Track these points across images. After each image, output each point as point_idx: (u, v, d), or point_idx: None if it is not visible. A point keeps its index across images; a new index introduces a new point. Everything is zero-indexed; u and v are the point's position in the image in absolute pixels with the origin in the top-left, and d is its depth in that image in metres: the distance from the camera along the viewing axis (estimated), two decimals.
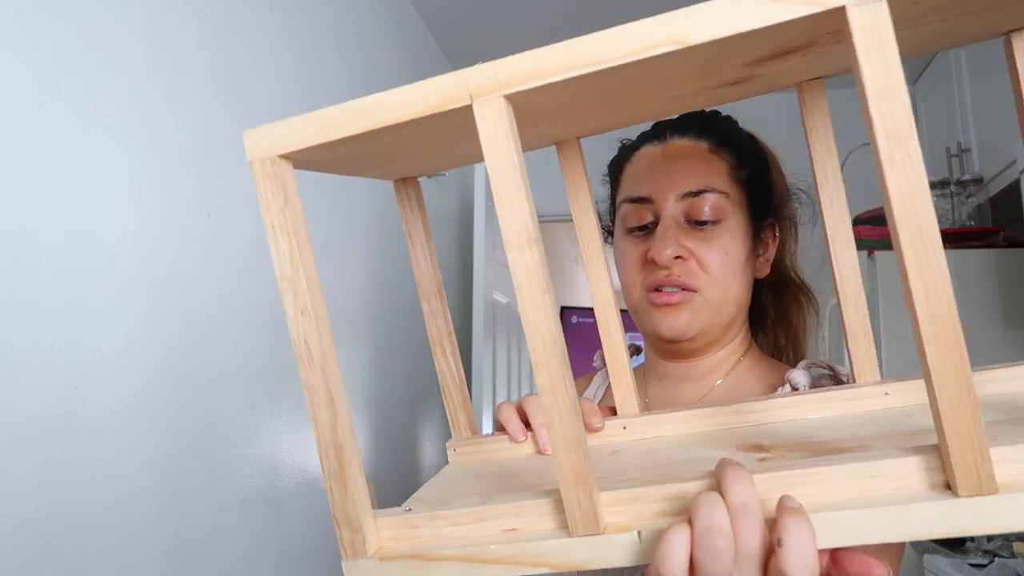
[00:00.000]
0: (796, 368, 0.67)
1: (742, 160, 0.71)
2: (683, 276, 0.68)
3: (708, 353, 0.73)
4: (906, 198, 0.33)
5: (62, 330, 0.92)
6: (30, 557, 0.85)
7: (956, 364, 0.33)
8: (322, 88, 1.69)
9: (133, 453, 1.02)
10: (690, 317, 0.68)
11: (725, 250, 0.68)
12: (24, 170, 0.88)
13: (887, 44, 0.34)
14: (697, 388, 0.73)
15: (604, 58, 0.37)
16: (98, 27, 1.01)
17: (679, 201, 0.69)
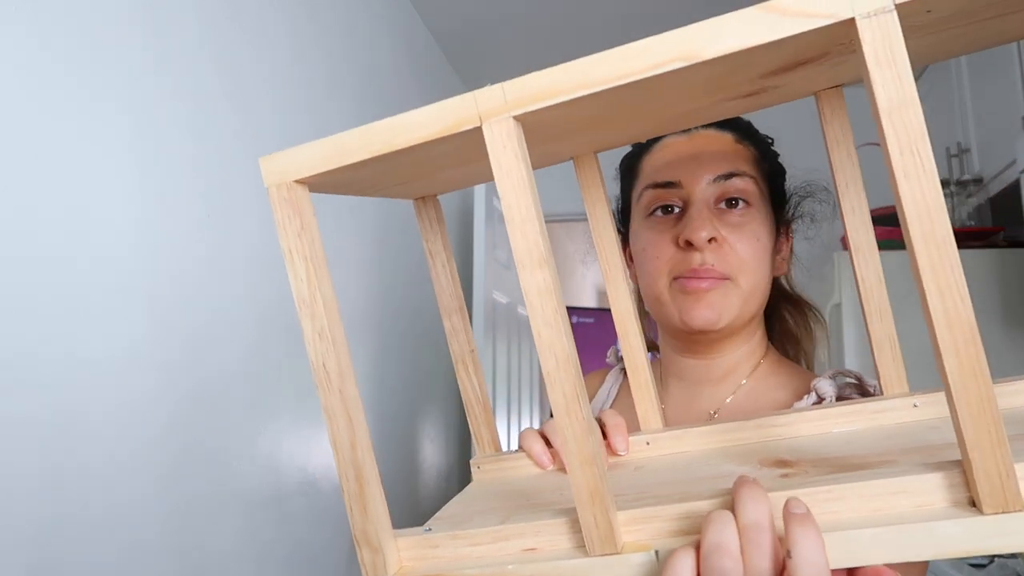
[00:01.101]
0: (822, 376, 0.65)
1: (763, 154, 0.72)
2: (717, 263, 0.66)
3: (728, 350, 0.71)
4: (922, 210, 0.33)
5: (62, 332, 0.92)
6: (34, 564, 0.86)
7: (977, 377, 0.32)
8: (324, 86, 1.70)
9: (134, 454, 1.03)
10: (722, 305, 0.66)
11: (756, 236, 0.67)
12: (24, 171, 0.89)
13: (898, 55, 0.33)
14: (717, 392, 0.71)
15: (614, 76, 0.37)
16: (98, 27, 1.02)
17: (710, 185, 0.67)
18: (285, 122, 1.51)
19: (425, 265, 2.48)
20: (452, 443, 2.54)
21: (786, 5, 0.35)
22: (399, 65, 2.21)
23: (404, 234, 2.18)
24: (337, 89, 1.78)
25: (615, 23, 2.45)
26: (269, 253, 1.42)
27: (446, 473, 2.47)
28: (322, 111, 1.69)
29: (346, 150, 0.40)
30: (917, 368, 1.90)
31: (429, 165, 0.47)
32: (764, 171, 0.70)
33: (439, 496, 2.39)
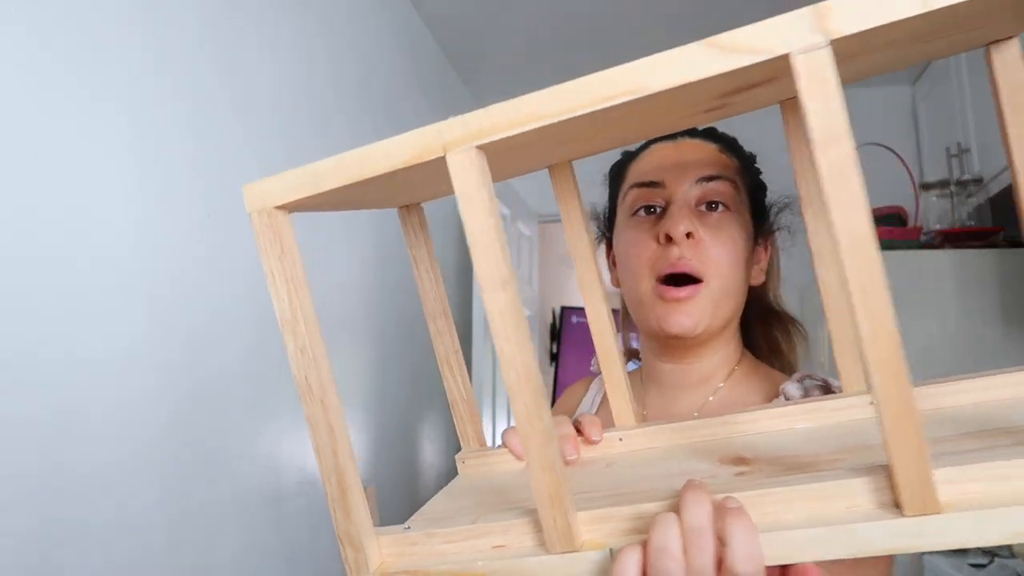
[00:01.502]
0: (790, 380, 0.69)
1: (747, 167, 0.75)
2: (693, 259, 0.68)
3: (704, 356, 0.74)
4: (854, 237, 0.35)
5: (62, 332, 0.94)
6: (34, 564, 0.88)
7: (899, 393, 0.35)
8: (325, 86, 1.72)
9: (134, 454, 1.05)
10: (699, 312, 0.69)
11: (732, 239, 0.70)
12: (24, 171, 0.90)
13: (831, 90, 0.35)
14: (694, 397, 0.74)
15: (567, 109, 0.39)
16: (99, 27, 1.03)
17: (693, 186, 0.71)
18: (285, 122, 1.53)
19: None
20: (452, 443, 2.58)
21: (726, 42, 0.37)
22: (399, 64, 2.22)
23: (403, 234, 2.19)
24: (338, 89, 1.80)
25: (610, 12, 2.45)
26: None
27: (446, 473, 2.50)
28: (323, 111, 1.70)
29: (321, 178, 0.43)
30: (922, 363, 1.90)
31: (405, 184, 0.49)
32: (746, 182, 0.74)
33: None
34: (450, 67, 2.77)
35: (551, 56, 2.71)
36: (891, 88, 2.93)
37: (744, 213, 0.72)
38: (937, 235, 2.23)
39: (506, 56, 2.72)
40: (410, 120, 2.32)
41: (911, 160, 2.68)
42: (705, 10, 2.40)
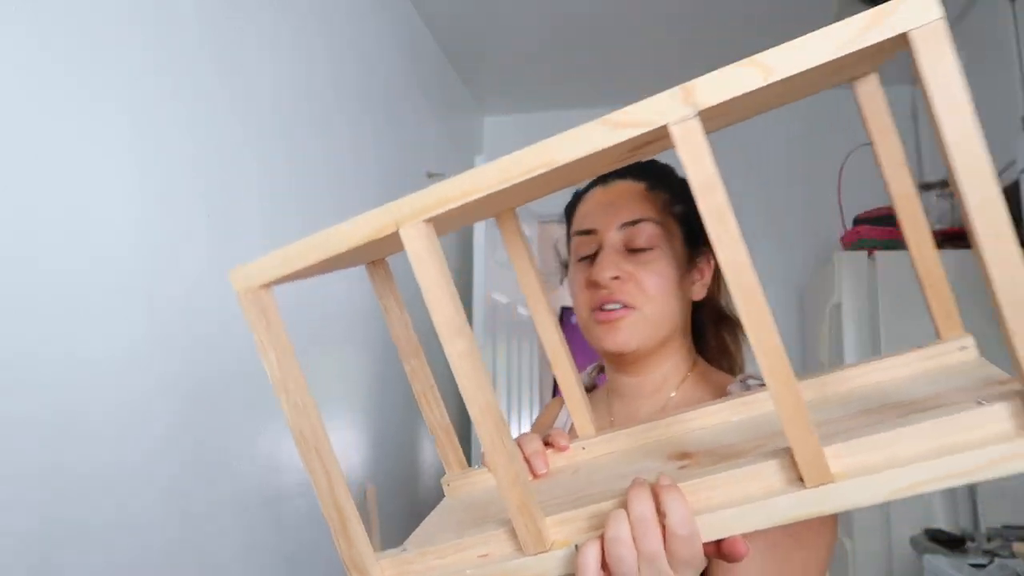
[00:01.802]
0: (735, 380, 0.78)
1: (676, 197, 0.82)
2: (622, 296, 0.78)
3: (652, 368, 0.83)
4: (736, 269, 0.43)
5: (62, 332, 0.96)
6: (34, 565, 0.90)
7: (789, 392, 0.43)
8: (324, 86, 1.76)
9: (134, 454, 1.07)
10: (629, 331, 0.78)
11: (659, 273, 0.79)
12: (25, 171, 0.92)
13: (702, 149, 0.43)
14: (653, 403, 0.83)
15: (494, 183, 0.47)
16: (99, 27, 1.05)
17: (619, 231, 0.80)
18: (285, 121, 1.57)
19: None
20: None
21: (616, 119, 0.45)
22: (399, 64, 2.26)
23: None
24: (338, 89, 1.84)
25: (609, 10, 2.50)
26: (268, 252, 1.48)
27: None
28: (323, 111, 1.75)
29: (293, 260, 0.50)
30: None
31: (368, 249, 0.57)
32: (676, 213, 0.82)
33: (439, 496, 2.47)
34: (450, 67, 2.81)
35: (551, 56, 2.76)
36: (891, 88, 2.90)
37: (674, 243, 0.80)
38: (937, 235, 2.25)
39: (506, 56, 2.77)
40: (410, 120, 2.37)
41: (911, 160, 2.74)
42: (705, 10, 2.45)
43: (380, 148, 2.09)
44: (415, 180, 2.37)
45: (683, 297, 0.81)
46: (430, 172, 2.50)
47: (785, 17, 2.47)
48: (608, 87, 3.05)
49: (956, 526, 2.01)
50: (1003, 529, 1.93)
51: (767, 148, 3.05)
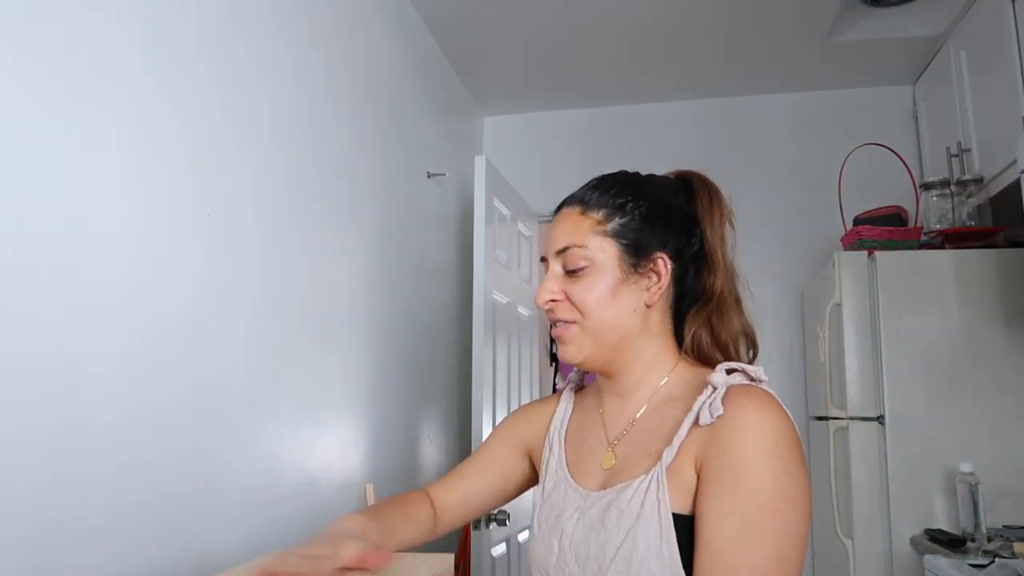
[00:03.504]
0: (716, 370, 0.82)
1: (610, 215, 0.89)
2: (559, 312, 0.89)
3: (623, 371, 0.90)
4: None
5: (61, 333, 0.96)
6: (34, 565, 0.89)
7: None
8: (323, 86, 1.76)
9: (133, 454, 1.07)
10: (575, 344, 0.88)
11: (588, 289, 0.86)
12: (24, 172, 0.92)
13: None
14: (636, 400, 0.90)
15: None
16: (99, 26, 1.05)
17: (556, 257, 0.90)
18: (285, 122, 1.58)
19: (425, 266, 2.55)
20: (451, 442, 2.62)
21: None
22: (399, 65, 2.25)
23: (404, 234, 2.25)
24: (338, 89, 1.84)
25: (609, 9, 2.50)
26: (269, 253, 1.48)
27: (445, 471, 2.52)
28: (323, 111, 1.75)
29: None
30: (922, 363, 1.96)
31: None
32: (607, 231, 0.88)
33: None
34: (450, 67, 2.81)
35: (551, 56, 2.76)
36: (891, 88, 2.94)
37: (606, 259, 0.87)
38: (937, 235, 2.24)
39: (506, 56, 2.77)
40: (410, 120, 2.37)
41: (911, 160, 2.69)
42: (704, 11, 2.45)
43: (380, 148, 2.09)
44: (415, 180, 2.37)
45: (628, 304, 0.87)
46: (430, 172, 2.50)
47: (786, 18, 2.47)
48: (608, 88, 3.05)
49: (956, 526, 2.01)
50: (1003, 529, 1.93)
51: (767, 148, 3.04)
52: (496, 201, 2.55)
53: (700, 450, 0.77)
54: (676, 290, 0.91)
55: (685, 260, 0.90)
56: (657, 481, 0.78)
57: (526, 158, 3.21)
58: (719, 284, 0.89)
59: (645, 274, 0.88)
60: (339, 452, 1.76)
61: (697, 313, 0.90)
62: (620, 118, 3.20)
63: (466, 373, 2.61)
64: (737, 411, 0.75)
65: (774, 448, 0.73)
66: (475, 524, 2.23)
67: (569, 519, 0.87)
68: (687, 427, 0.79)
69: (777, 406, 0.77)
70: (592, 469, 0.90)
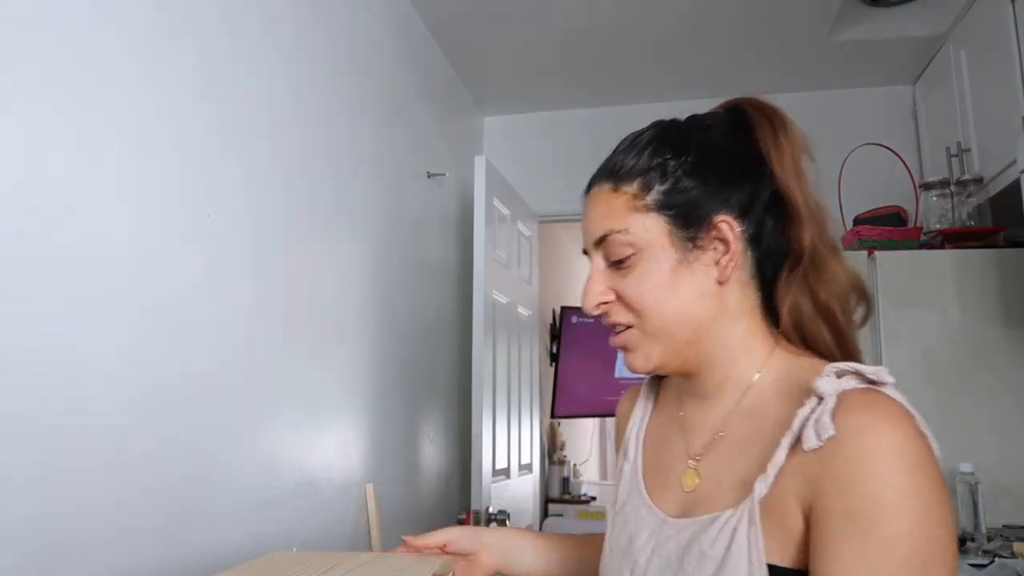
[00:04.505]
0: (823, 374, 0.63)
1: (648, 183, 0.72)
2: (614, 317, 0.73)
3: (702, 372, 0.74)
4: None
5: (61, 332, 0.96)
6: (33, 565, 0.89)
7: None
8: (324, 86, 1.76)
9: (132, 454, 1.07)
10: (640, 351, 0.73)
11: (640, 280, 0.71)
12: (23, 172, 0.92)
13: None
14: (722, 402, 0.73)
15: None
16: (98, 24, 1.05)
17: (596, 249, 0.74)
18: (285, 121, 1.58)
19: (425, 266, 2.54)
20: (452, 443, 2.62)
21: None
22: (399, 64, 2.25)
23: (404, 234, 2.25)
24: (338, 89, 1.84)
25: (616, 26, 2.50)
26: (269, 253, 1.48)
27: (445, 471, 2.54)
28: (323, 110, 1.75)
29: None
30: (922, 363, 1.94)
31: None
32: (646, 205, 0.72)
33: (439, 496, 2.47)
34: (450, 67, 2.81)
35: (551, 56, 2.76)
36: (891, 88, 2.94)
37: (657, 237, 0.71)
38: (937, 235, 2.23)
39: (506, 56, 2.76)
40: (410, 120, 2.37)
41: (911, 160, 2.69)
42: (704, 11, 2.44)
43: (380, 148, 2.09)
44: (415, 180, 2.37)
45: (693, 288, 0.70)
46: (430, 172, 2.50)
47: (786, 18, 2.47)
48: (607, 88, 3.05)
49: (956, 526, 2.01)
50: (1003, 529, 1.93)
51: None
52: (496, 201, 2.55)
53: (807, 485, 0.59)
54: (755, 254, 0.73)
55: (757, 215, 0.72)
56: (748, 520, 0.61)
57: (526, 158, 3.21)
58: (807, 234, 0.71)
59: (707, 246, 0.71)
60: (339, 452, 1.76)
61: (789, 278, 0.72)
62: (620, 118, 3.19)
63: (466, 373, 2.61)
64: (855, 433, 0.57)
65: (911, 481, 0.55)
66: (475, 524, 2.23)
67: (643, 549, 0.72)
68: (785, 451, 0.61)
69: (908, 420, 0.58)
70: (671, 487, 0.74)
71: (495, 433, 2.42)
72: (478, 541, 0.88)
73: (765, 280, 0.73)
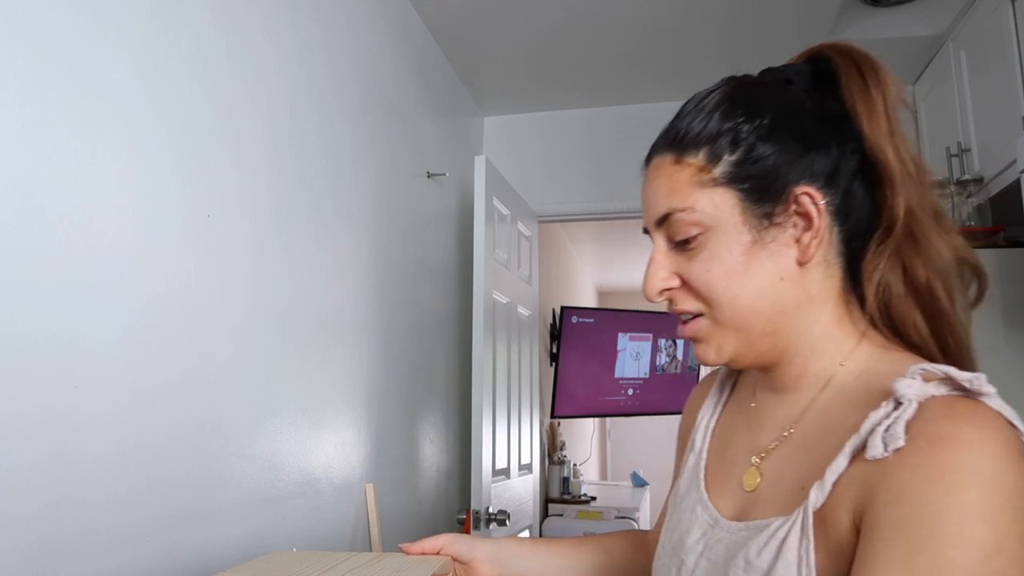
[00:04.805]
0: (906, 375, 0.54)
1: (716, 152, 0.63)
2: (681, 304, 0.65)
3: (781, 364, 0.66)
4: None
5: (62, 331, 0.96)
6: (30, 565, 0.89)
7: None
8: (324, 86, 1.76)
9: (132, 454, 1.07)
10: (711, 343, 0.65)
11: (708, 264, 0.63)
12: (23, 171, 0.92)
13: None
14: (799, 397, 0.65)
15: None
16: (99, 22, 1.05)
17: (657, 229, 0.66)
18: (285, 121, 1.57)
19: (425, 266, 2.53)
20: (452, 443, 2.62)
21: None
22: (399, 64, 2.25)
23: (404, 234, 2.25)
24: (337, 89, 1.84)
25: (616, 27, 2.50)
26: (269, 252, 1.48)
27: (445, 471, 2.54)
28: (322, 110, 1.75)
29: None
30: None
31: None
32: (721, 174, 0.63)
33: (439, 496, 2.47)
34: (450, 67, 2.80)
35: (551, 56, 2.75)
36: None
37: (728, 214, 0.62)
38: None
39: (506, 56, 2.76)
40: (410, 120, 2.37)
41: None
42: (704, 10, 2.44)
43: (380, 148, 2.09)
44: (415, 180, 2.38)
45: (771, 271, 0.62)
46: (430, 172, 2.50)
47: (786, 17, 2.47)
48: (608, 88, 3.05)
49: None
50: None
51: None
52: (496, 201, 2.55)
53: (861, 494, 0.51)
54: (842, 229, 0.63)
55: (844, 183, 0.63)
56: (801, 531, 0.54)
57: (526, 158, 3.21)
58: (901, 199, 0.61)
59: (786, 222, 0.62)
60: (339, 452, 1.76)
61: (878, 251, 0.62)
62: (620, 118, 3.20)
63: (466, 373, 2.61)
64: (928, 443, 0.49)
65: (985, 504, 0.46)
66: (475, 524, 2.23)
67: (692, 548, 0.66)
68: (847, 457, 0.54)
69: (1004, 437, 0.49)
70: (731, 485, 0.67)
71: (495, 433, 2.42)
72: (473, 551, 0.87)
73: (852, 259, 0.64)
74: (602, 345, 4.59)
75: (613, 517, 3.98)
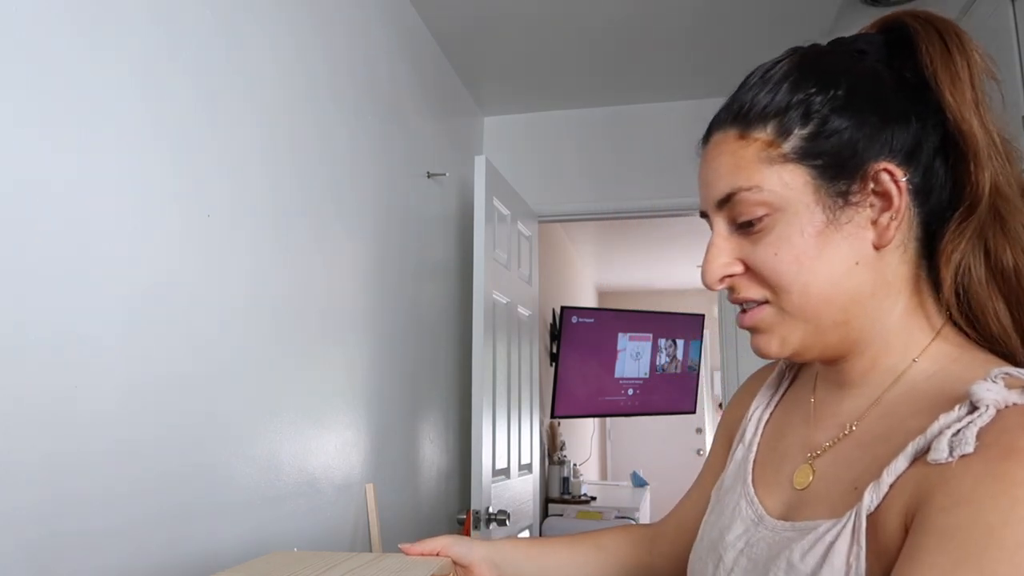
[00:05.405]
0: (986, 377, 0.49)
1: (786, 126, 0.58)
2: (743, 292, 0.61)
3: (851, 357, 0.61)
4: None
5: (62, 330, 0.96)
6: (30, 566, 0.89)
7: None
8: (324, 85, 1.75)
9: (132, 453, 1.07)
10: (775, 334, 0.60)
11: (776, 248, 0.58)
12: (23, 170, 0.92)
13: None
14: (862, 394, 0.61)
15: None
16: (100, 20, 1.05)
17: (718, 211, 0.62)
18: (285, 121, 1.58)
19: (425, 266, 2.53)
20: (451, 441, 2.62)
21: None
22: (399, 63, 2.25)
23: (404, 234, 2.25)
24: (337, 89, 1.84)
25: (616, 26, 2.50)
26: (269, 252, 1.49)
27: (445, 471, 2.54)
28: (322, 110, 1.75)
29: None
30: None
31: None
32: (784, 155, 0.58)
33: (439, 496, 2.47)
34: (450, 67, 2.81)
35: (551, 56, 2.76)
36: None
37: (799, 194, 0.57)
38: None
39: (506, 56, 2.76)
40: (410, 120, 2.37)
41: None
42: (705, 10, 2.45)
43: (380, 148, 2.09)
44: (415, 180, 2.38)
45: (845, 256, 0.57)
46: (430, 172, 2.50)
47: (786, 17, 2.47)
48: (607, 88, 3.05)
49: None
50: None
51: None
52: (496, 201, 2.55)
53: (915, 497, 0.48)
54: (921, 210, 0.58)
55: (925, 159, 0.58)
56: (852, 536, 0.50)
57: (526, 158, 3.21)
58: (987, 175, 0.57)
59: (863, 202, 0.57)
60: (339, 452, 1.76)
61: (959, 231, 0.57)
62: (620, 118, 3.20)
63: (466, 373, 2.61)
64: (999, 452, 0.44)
65: None
66: (475, 524, 2.23)
67: (732, 544, 0.62)
68: (908, 458, 0.50)
69: None
70: (780, 481, 0.63)
71: (495, 433, 2.42)
72: (471, 554, 0.87)
73: (932, 242, 0.59)
74: (602, 345, 4.60)
75: (613, 517, 3.99)
